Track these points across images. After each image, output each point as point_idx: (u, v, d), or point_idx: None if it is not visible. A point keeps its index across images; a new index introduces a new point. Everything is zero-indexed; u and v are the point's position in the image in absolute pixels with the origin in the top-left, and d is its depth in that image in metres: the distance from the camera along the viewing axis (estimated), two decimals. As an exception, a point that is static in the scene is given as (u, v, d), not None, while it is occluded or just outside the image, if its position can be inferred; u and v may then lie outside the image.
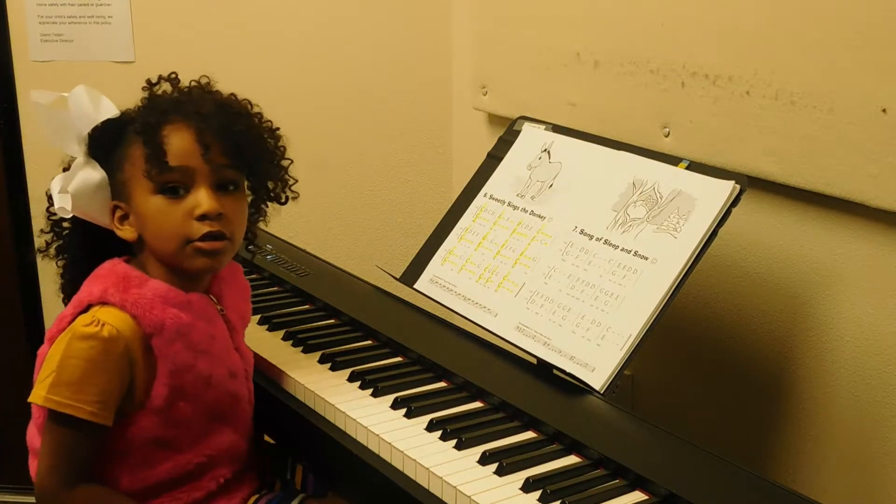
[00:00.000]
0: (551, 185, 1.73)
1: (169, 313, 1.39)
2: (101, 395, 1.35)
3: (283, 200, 1.54)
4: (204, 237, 1.39)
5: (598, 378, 1.46)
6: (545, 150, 1.78)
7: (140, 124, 1.40)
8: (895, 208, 1.54)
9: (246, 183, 1.48)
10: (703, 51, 1.79)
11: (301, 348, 1.66)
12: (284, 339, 1.70)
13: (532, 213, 1.72)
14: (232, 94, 1.49)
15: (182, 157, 1.38)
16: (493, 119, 2.41)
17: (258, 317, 1.77)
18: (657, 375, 2.03)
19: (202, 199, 1.38)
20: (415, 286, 1.81)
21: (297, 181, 1.54)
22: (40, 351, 1.43)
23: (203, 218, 1.38)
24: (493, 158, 1.86)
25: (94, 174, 1.43)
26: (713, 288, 1.89)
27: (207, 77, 1.50)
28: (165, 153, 1.37)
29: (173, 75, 1.49)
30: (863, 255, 1.64)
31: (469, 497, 1.26)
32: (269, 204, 1.54)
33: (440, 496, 1.29)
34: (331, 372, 1.58)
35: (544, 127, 1.83)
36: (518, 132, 1.85)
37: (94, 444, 1.38)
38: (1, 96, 2.46)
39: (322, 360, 1.61)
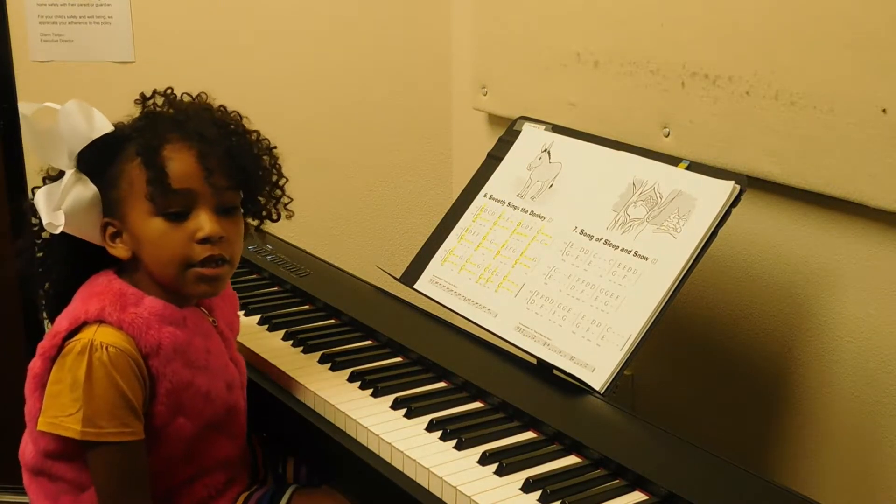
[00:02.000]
0: (551, 186, 1.73)
1: (165, 332, 1.36)
2: (132, 411, 1.33)
3: (275, 218, 1.50)
4: (205, 261, 1.36)
5: (598, 378, 1.46)
6: (545, 150, 1.78)
7: (140, 146, 1.36)
8: (895, 208, 1.54)
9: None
10: (703, 51, 1.79)
11: (301, 348, 1.66)
12: (284, 339, 1.69)
13: (532, 213, 1.72)
14: (221, 106, 1.45)
15: (184, 180, 1.35)
16: (493, 119, 2.40)
17: (258, 317, 1.78)
18: (657, 375, 2.03)
19: (204, 222, 1.35)
20: (415, 286, 1.81)
21: (292, 200, 1.50)
22: (31, 366, 1.37)
23: (205, 241, 1.35)
24: (493, 158, 1.86)
25: (86, 191, 1.38)
26: (713, 288, 1.89)
27: (205, 93, 1.45)
28: (168, 176, 1.33)
29: (169, 90, 1.44)
30: (863, 255, 1.64)
31: (469, 497, 1.26)
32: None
33: (440, 496, 1.29)
34: (331, 372, 1.58)
35: (544, 127, 1.83)
36: (518, 132, 1.85)
37: (143, 458, 1.36)
38: (1, 97, 2.45)
39: (322, 360, 1.61)
